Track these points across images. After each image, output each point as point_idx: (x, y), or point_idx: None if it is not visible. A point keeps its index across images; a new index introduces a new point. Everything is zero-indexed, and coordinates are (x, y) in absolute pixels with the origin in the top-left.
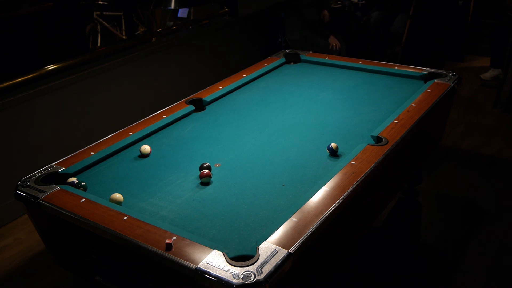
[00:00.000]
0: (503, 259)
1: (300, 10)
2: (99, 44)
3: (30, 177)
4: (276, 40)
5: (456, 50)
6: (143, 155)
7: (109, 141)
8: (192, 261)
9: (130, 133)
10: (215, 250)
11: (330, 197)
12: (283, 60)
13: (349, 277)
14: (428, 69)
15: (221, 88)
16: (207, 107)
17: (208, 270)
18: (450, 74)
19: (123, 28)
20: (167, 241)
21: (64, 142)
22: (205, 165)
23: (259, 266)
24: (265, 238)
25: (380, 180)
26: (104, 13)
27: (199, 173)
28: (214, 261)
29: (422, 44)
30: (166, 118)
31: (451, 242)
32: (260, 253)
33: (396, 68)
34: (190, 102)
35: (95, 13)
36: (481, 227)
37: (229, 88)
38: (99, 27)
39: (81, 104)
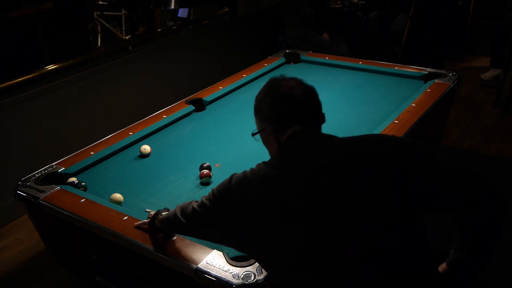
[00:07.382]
0: (503, 259)
1: (294, 9)
2: (99, 44)
3: (30, 177)
4: (276, 40)
5: (456, 50)
6: (143, 155)
7: (109, 141)
8: (192, 261)
9: (130, 133)
10: (215, 250)
11: None
12: (283, 60)
13: None
14: (428, 69)
15: (221, 88)
16: (207, 107)
17: (208, 270)
18: (450, 74)
19: (123, 28)
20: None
21: (64, 142)
22: (205, 165)
23: (259, 266)
24: None
25: None
26: (104, 13)
27: (199, 173)
28: (214, 261)
29: (422, 44)
30: (166, 118)
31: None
32: None
33: (396, 68)
34: (190, 102)
35: (95, 13)
36: None
37: (229, 88)
38: (99, 27)
39: (81, 104)
